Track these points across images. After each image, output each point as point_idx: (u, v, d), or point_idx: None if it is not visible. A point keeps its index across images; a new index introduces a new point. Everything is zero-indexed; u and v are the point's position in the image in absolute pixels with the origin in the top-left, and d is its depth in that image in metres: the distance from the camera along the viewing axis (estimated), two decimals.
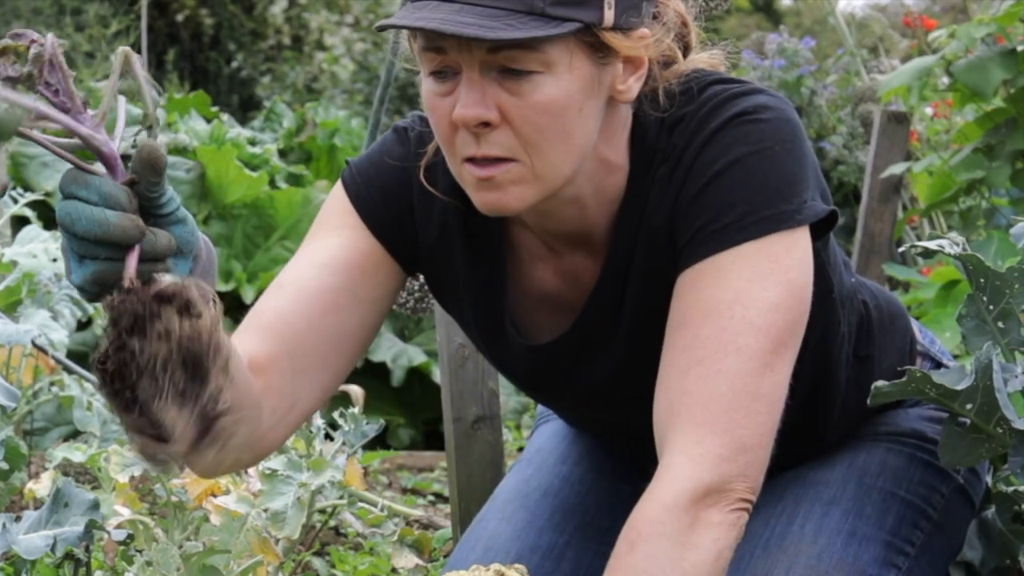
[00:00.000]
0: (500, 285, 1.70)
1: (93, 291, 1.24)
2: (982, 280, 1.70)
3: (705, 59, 1.64)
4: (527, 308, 1.72)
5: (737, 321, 1.50)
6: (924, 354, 1.92)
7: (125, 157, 1.28)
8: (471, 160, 1.52)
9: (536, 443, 2.06)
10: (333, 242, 1.67)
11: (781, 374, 1.52)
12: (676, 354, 1.52)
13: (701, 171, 1.55)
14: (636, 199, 1.61)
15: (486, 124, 1.49)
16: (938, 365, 1.93)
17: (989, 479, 1.89)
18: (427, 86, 1.53)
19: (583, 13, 1.47)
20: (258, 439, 1.55)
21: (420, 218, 1.70)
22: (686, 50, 1.63)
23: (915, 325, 1.94)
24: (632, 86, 1.55)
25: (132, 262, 1.22)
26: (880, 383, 1.65)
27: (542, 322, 1.72)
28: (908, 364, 1.87)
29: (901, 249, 1.70)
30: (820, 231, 1.59)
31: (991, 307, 1.70)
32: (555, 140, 1.51)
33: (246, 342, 1.57)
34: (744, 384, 1.49)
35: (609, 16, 1.49)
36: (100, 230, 1.21)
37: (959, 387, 1.63)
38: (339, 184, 1.72)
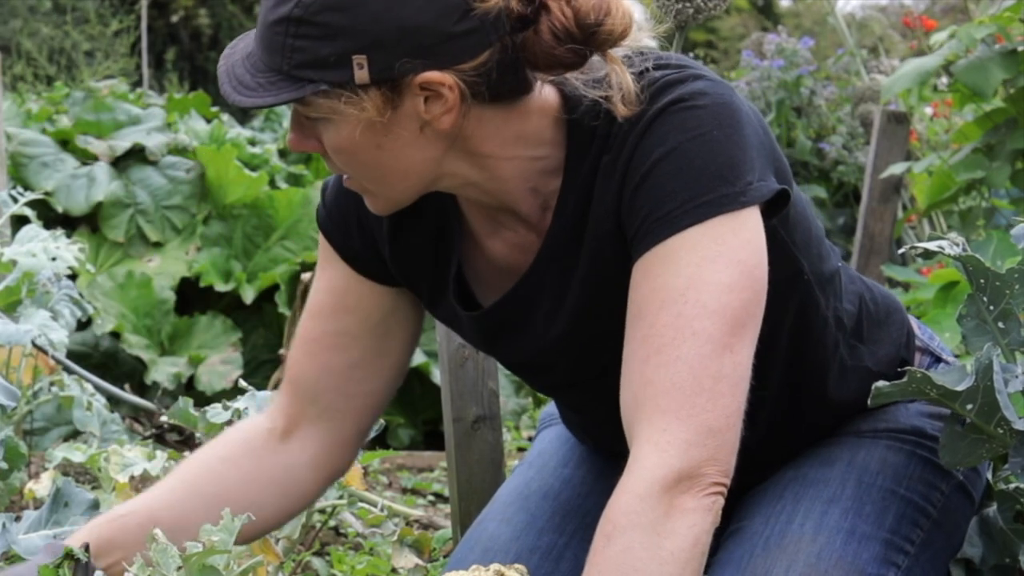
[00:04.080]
0: (450, 257, 1.74)
1: None
2: (982, 281, 1.70)
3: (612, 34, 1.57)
4: (486, 278, 1.75)
5: (691, 306, 1.51)
6: (923, 349, 1.92)
7: None
8: None
9: (538, 447, 2.07)
10: (319, 286, 1.83)
11: (741, 355, 1.52)
12: (636, 345, 1.54)
13: (640, 161, 1.56)
14: (576, 178, 1.63)
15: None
16: (937, 360, 1.93)
17: (989, 475, 1.89)
18: None
19: (328, 74, 1.51)
20: (306, 493, 1.87)
21: (374, 227, 1.77)
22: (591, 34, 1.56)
23: (914, 322, 1.94)
24: (443, 116, 1.55)
25: None
26: (880, 383, 1.66)
27: (501, 290, 1.74)
28: (905, 357, 1.87)
29: (901, 250, 1.70)
30: (774, 210, 1.59)
31: (991, 307, 1.70)
32: (364, 173, 1.60)
33: (277, 404, 1.85)
34: (704, 368, 1.50)
35: (362, 75, 1.51)
36: None
37: (959, 388, 1.63)
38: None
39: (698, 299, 1.51)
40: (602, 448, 1.98)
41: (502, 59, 1.54)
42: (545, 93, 1.62)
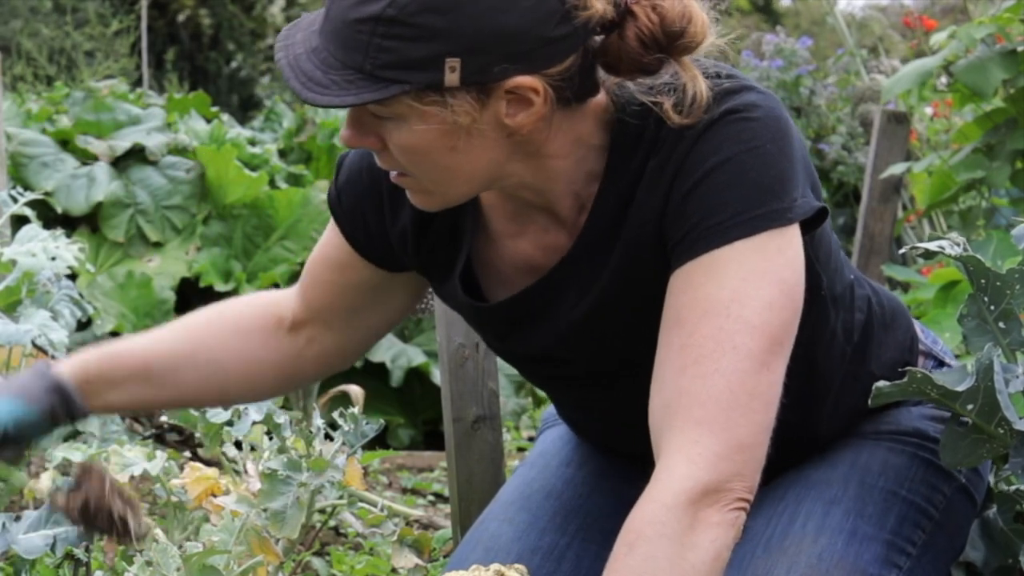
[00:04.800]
0: (466, 249, 1.73)
1: None
2: (983, 281, 1.70)
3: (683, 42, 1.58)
4: (505, 275, 1.74)
5: (734, 320, 1.50)
6: (927, 353, 1.92)
7: None
8: None
9: (540, 447, 2.07)
10: (328, 240, 1.84)
11: (776, 373, 1.52)
12: (672, 352, 1.53)
13: (692, 168, 1.55)
14: (617, 181, 1.62)
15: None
16: (941, 364, 1.92)
17: (991, 478, 1.89)
18: None
19: (416, 76, 1.48)
20: (291, 376, 1.89)
21: (388, 211, 1.76)
22: (671, 39, 1.57)
23: (917, 325, 1.94)
24: (523, 120, 1.54)
25: None
26: (881, 383, 1.66)
27: (515, 286, 1.73)
28: (909, 361, 1.87)
29: (902, 251, 1.70)
30: (809, 227, 1.59)
31: (992, 308, 1.70)
32: (431, 173, 1.57)
33: (291, 302, 1.87)
34: (742, 383, 1.49)
35: (453, 78, 1.48)
36: None
37: (960, 388, 1.63)
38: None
39: (741, 314, 1.50)
40: (602, 446, 1.98)
41: (583, 63, 1.54)
42: (599, 95, 1.61)
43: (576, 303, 1.68)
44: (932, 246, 1.69)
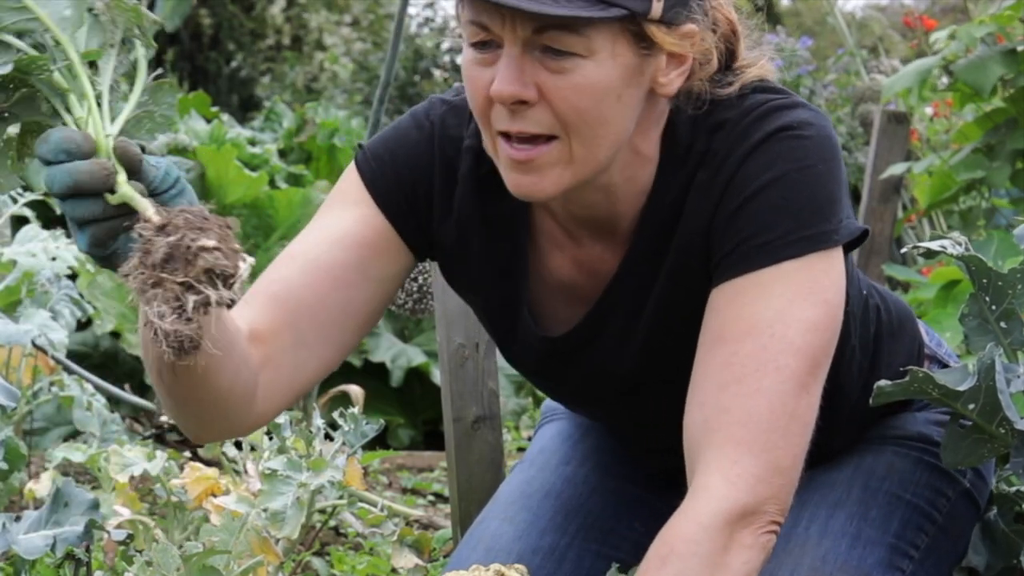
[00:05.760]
0: (520, 272, 1.70)
1: (98, 255, 1.29)
2: (984, 281, 1.70)
3: (753, 70, 1.63)
4: (542, 297, 1.72)
5: (778, 340, 1.50)
6: (931, 357, 1.92)
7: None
8: (506, 136, 1.52)
9: (539, 444, 2.06)
10: (346, 217, 1.67)
11: (815, 395, 1.53)
12: (714, 369, 1.52)
13: (743, 184, 1.55)
14: (665, 195, 1.61)
15: (523, 102, 1.49)
16: (945, 367, 1.92)
17: (994, 480, 1.88)
18: (468, 54, 1.53)
19: (631, 1, 1.47)
20: (252, 407, 1.57)
21: (439, 203, 1.69)
22: (731, 57, 1.62)
23: (922, 327, 1.94)
24: (673, 80, 1.55)
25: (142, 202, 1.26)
26: (882, 383, 1.65)
27: (556, 311, 1.72)
28: (918, 365, 1.86)
29: (903, 250, 1.70)
30: (849, 247, 1.59)
31: (994, 307, 1.70)
32: (592, 124, 1.51)
33: (252, 309, 1.59)
34: (783, 404, 1.50)
35: (657, 8, 1.48)
36: (70, 179, 1.25)
37: (961, 387, 1.63)
38: (352, 167, 1.71)
39: (785, 334, 1.50)
40: (606, 438, 1.97)
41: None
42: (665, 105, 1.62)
43: (626, 327, 1.67)
44: (934, 245, 1.69)
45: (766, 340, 1.50)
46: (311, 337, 1.62)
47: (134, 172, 1.27)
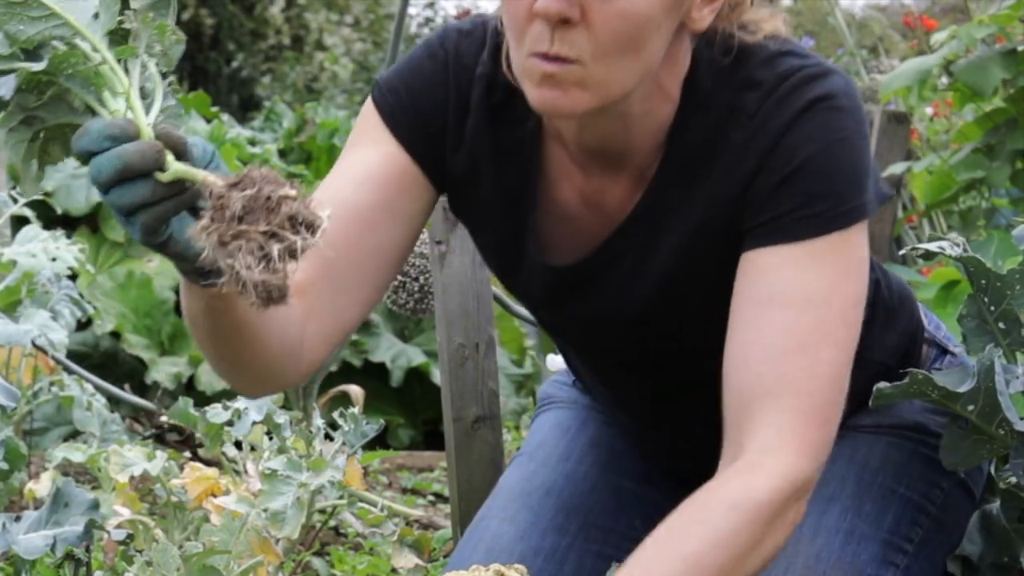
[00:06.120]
0: (529, 202, 1.70)
1: (153, 243, 1.27)
2: (983, 281, 1.70)
3: (767, 19, 1.63)
4: (549, 228, 1.71)
5: (835, 313, 1.52)
6: (930, 340, 1.91)
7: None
8: (540, 55, 1.52)
9: (537, 437, 2.05)
10: (370, 156, 1.67)
11: (850, 370, 1.55)
12: (770, 333, 1.53)
13: (788, 155, 1.56)
14: (687, 138, 1.61)
15: (566, 21, 1.49)
16: (944, 351, 1.92)
17: (992, 469, 1.88)
18: None
19: None
20: (301, 360, 1.59)
21: (452, 133, 1.69)
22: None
23: (922, 310, 1.93)
24: (705, 16, 1.56)
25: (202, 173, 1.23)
26: (882, 384, 1.65)
27: (561, 244, 1.71)
28: (911, 349, 1.87)
29: (902, 252, 1.71)
30: None
31: (992, 308, 1.70)
32: (628, 50, 1.51)
33: None
34: (841, 377, 1.53)
35: None
36: (119, 161, 1.22)
37: (961, 389, 1.63)
38: (369, 103, 1.71)
39: (841, 307, 1.53)
40: (609, 413, 1.97)
41: None
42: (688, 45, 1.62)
43: (634, 270, 1.67)
44: (932, 247, 1.69)
45: (824, 312, 1.52)
46: (348, 282, 1.63)
47: (180, 154, 1.25)
